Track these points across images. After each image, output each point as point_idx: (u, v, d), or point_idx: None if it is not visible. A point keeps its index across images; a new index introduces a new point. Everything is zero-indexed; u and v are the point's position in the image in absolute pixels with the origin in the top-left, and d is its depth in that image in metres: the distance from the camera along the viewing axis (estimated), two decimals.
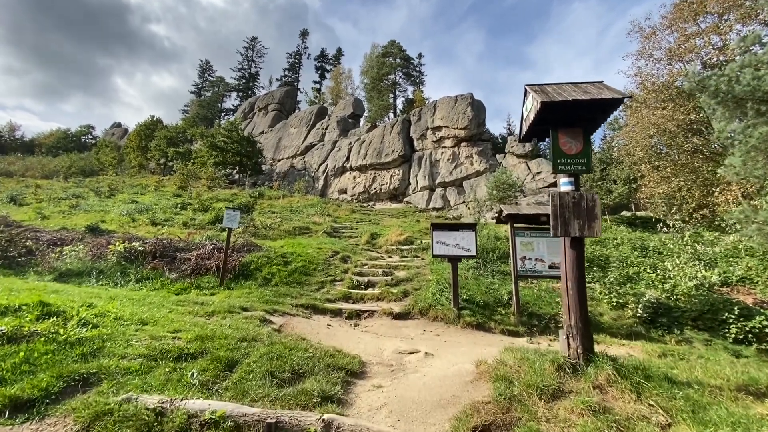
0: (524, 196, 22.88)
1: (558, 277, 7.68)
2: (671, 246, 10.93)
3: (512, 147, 26.28)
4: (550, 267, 7.43)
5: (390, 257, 12.51)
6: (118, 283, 7.78)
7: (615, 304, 7.80)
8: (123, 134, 58.31)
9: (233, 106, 60.13)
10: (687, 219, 16.22)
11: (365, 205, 27.37)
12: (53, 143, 59.38)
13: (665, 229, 13.13)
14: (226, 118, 54.16)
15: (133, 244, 9.00)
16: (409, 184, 27.68)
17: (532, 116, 3.54)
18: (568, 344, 3.35)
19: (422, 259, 11.76)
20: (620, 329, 7.20)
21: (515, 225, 7.64)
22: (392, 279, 9.05)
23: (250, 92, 59.96)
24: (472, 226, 7.65)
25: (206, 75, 65.49)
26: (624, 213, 23.55)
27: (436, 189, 26.35)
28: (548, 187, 23.67)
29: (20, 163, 44.42)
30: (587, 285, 3.84)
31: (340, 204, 25.00)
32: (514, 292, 7.28)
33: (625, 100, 3.28)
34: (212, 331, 3.99)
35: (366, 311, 7.27)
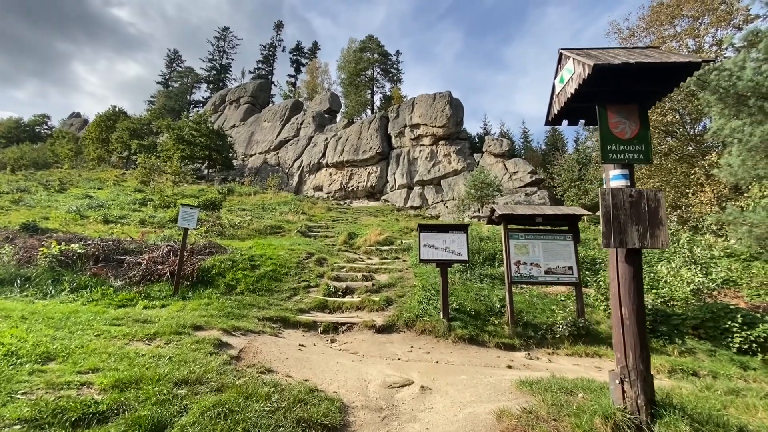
0: (501, 196, 22.63)
1: (554, 283, 7.10)
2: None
3: (489, 146, 26.05)
4: (547, 272, 6.82)
5: (369, 259, 11.67)
6: (48, 293, 6.52)
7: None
8: (82, 125, 54.47)
9: (203, 98, 57.45)
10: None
11: (342, 203, 26.38)
12: (3, 133, 54.81)
13: None
14: (195, 110, 51.61)
15: (72, 245, 7.71)
16: (387, 182, 26.92)
17: (571, 89, 2.76)
18: (623, 392, 2.55)
19: (404, 260, 11.00)
20: None
21: (509, 226, 6.98)
22: (373, 284, 8.22)
23: (221, 84, 57.39)
24: (462, 228, 6.93)
25: (174, 65, 62.28)
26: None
27: (414, 187, 25.72)
28: (525, 186, 23.55)
29: None
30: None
31: (315, 202, 23.90)
32: (507, 301, 6.61)
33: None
34: (141, 371, 2.96)
35: (345, 323, 6.40)
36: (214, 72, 58.42)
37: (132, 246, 8.63)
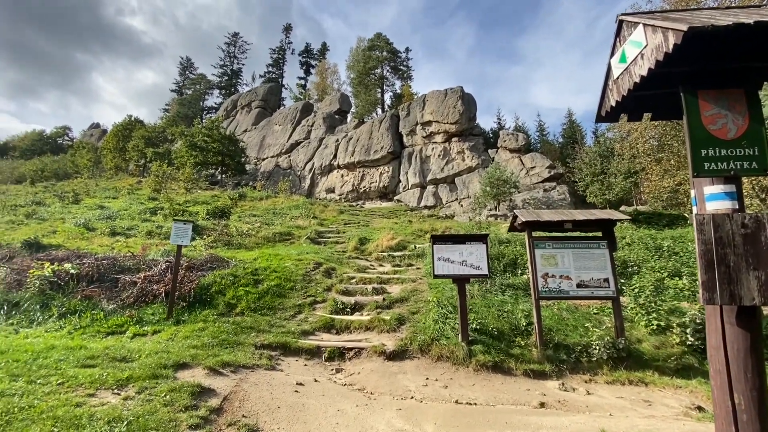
0: (518, 192, 21.65)
1: (588, 298, 6.27)
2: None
3: (504, 141, 25.00)
4: (579, 286, 6.00)
5: (381, 266, 11.02)
6: (35, 320, 6.10)
7: (655, 327, 6.40)
8: (101, 135, 55.64)
9: (215, 104, 57.86)
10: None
11: (354, 204, 25.81)
12: (27, 146, 56.56)
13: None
14: (208, 116, 51.93)
15: (65, 265, 7.30)
16: (399, 181, 26.20)
17: (642, 69, 1.96)
18: None
19: (417, 268, 10.29)
20: (667, 362, 5.79)
21: (534, 234, 6.19)
22: (384, 299, 7.54)
23: (232, 89, 57.68)
24: (481, 238, 6.17)
25: (187, 72, 62.96)
26: (624, 208, 22.39)
27: (427, 186, 24.93)
28: (543, 182, 22.47)
29: None
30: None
31: (327, 204, 23.37)
32: (535, 320, 5.83)
33: None
34: None
35: (352, 348, 5.74)
36: (226, 78, 58.79)
37: (129, 263, 8.21)
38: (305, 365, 5.26)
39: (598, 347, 5.68)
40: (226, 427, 3.17)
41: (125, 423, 2.88)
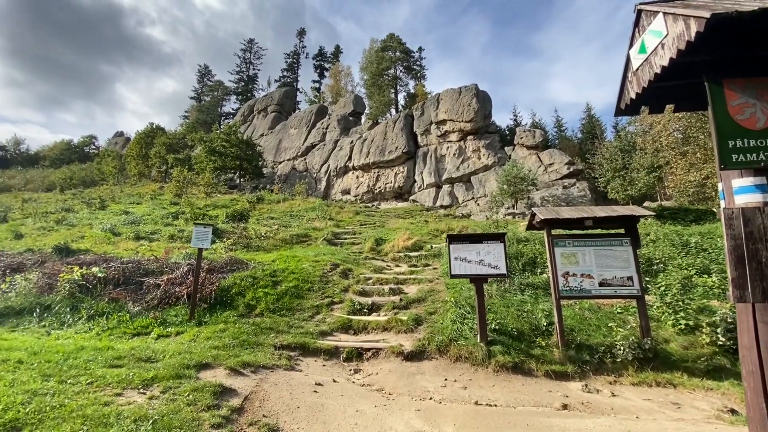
0: (537, 190, 21.27)
1: (611, 297, 6.10)
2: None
3: (521, 138, 24.59)
4: (601, 284, 5.84)
5: (398, 266, 11.01)
6: (66, 322, 6.36)
7: (684, 326, 6.17)
8: (125, 143, 57.48)
9: (233, 109, 59.01)
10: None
11: (370, 205, 25.88)
12: (56, 155, 58.87)
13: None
14: (226, 122, 53.04)
15: (93, 269, 7.59)
16: (415, 181, 26.13)
17: (663, 59, 1.89)
18: None
19: (434, 268, 10.22)
20: (696, 363, 5.57)
21: (553, 232, 6.07)
22: (401, 300, 7.53)
23: (249, 95, 58.74)
24: (498, 237, 6.08)
25: (205, 80, 64.44)
26: (648, 204, 21.71)
27: (443, 186, 24.76)
28: (562, 179, 22.00)
29: (21, 176, 43.70)
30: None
31: (343, 206, 23.51)
32: (556, 320, 5.71)
33: None
34: None
35: (370, 349, 5.75)
36: (242, 83, 59.92)
37: (153, 266, 8.45)
38: (324, 365, 5.30)
39: (622, 347, 5.52)
40: (248, 426, 3.23)
41: (151, 422, 2.97)
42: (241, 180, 32.52)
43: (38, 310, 6.65)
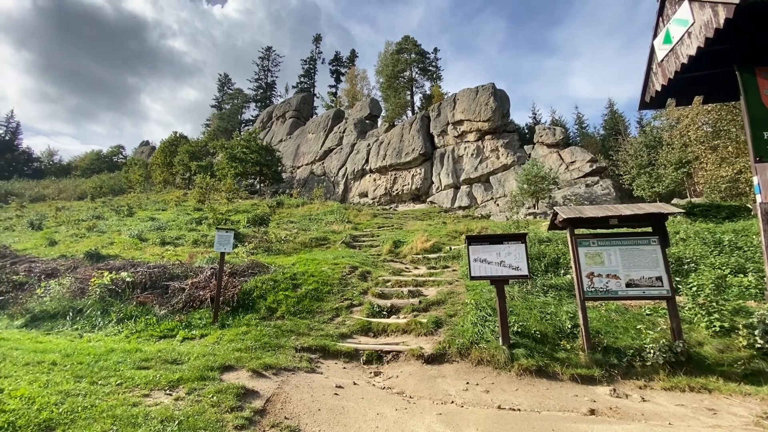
0: (558, 189, 20.81)
1: (639, 298, 5.87)
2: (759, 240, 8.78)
3: (541, 136, 24.11)
4: (628, 285, 5.63)
5: (416, 269, 10.95)
6: (97, 325, 6.61)
7: (718, 328, 5.88)
8: (151, 152, 59.51)
9: (252, 116, 60.28)
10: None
11: (387, 207, 25.90)
12: (87, 165, 61.47)
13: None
14: (245, 128, 54.18)
15: (122, 274, 7.88)
16: (432, 183, 26.00)
17: (690, 49, 1.80)
18: None
19: (453, 270, 10.12)
20: (732, 366, 5.29)
21: (576, 232, 5.90)
22: (420, 302, 7.48)
23: (267, 101, 59.91)
24: (519, 237, 5.96)
25: (225, 88, 66.10)
26: (677, 201, 20.91)
27: (461, 186, 24.54)
28: (584, 177, 21.45)
29: (54, 186, 45.80)
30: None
31: (360, 209, 23.61)
32: (581, 322, 5.54)
33: None
34: None
35: (389, 352, 5.74)
36: (261, 90, 61.16)
37: (178, 270, 8.70)
38: (344, 368, 5.31)
39: (652, 351, 5.30)
40: (270, 428, 3.26)
41: (176, 422, 3.04)
42: (261, 185, 33.15)
43: (71, 314, 6.94)
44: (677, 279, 7.67)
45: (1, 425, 2.77)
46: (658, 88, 2.17)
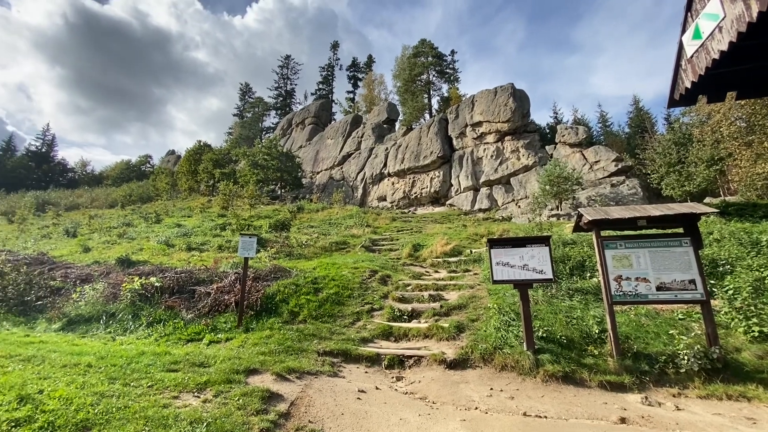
0: (582, 189, 20.26)
1: (671, 302, 5.64)
2: None
3: (563, 136, 23.56)
4: (659, 289, 5.42)
5: (437, 272, 10.87)
6: (128, 328, 6.88)
7: (757, 333, 5.58)
8: (176, 160, 61.52)
9: (273, 124, 61.54)
10: None
11: (406, 211, 25.85)
12: (117, 174, 64.13)
13: None
14: (266, 136, 55.35)
15: (151, 279, 8.17)
16: (451, 185, 25.80)
17: (722, 44, 1.73)
18: None
19: (474, 273, 9.99)
20: None
21: (603, 234, 5.73)
22: (441, 306, 7.42)
23: (287, 109, 61.07)
24: (543, 240, 5.84)
25: (246, 97, 67.78)
26: (709, 200, 20.01)
27: (480, 189, 24.25)
28: (609, 176, 20.82)
29: (87, 195, 47.96)
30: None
31: (379, 212, 23.67)
32: (609, 326, 5.37)
33: None
34: None
35: (411, 356, 5.71)
36: (281, 98, 62.43)
37: (203, 275, 8.94)
38: (366, 372, 5.32)
39: (686, 357, 5.08)
40: (294, 431, 3.30)
41: (205, 424, 3.12)
42: (282, 191, 33.75)
43: (104, 318, 7.25)
44: (712, 282, 7.33)
45: (41, 425, 2.92)
46: (688, 85, 2.09)
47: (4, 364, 4.26)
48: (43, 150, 61.65)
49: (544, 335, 5.74)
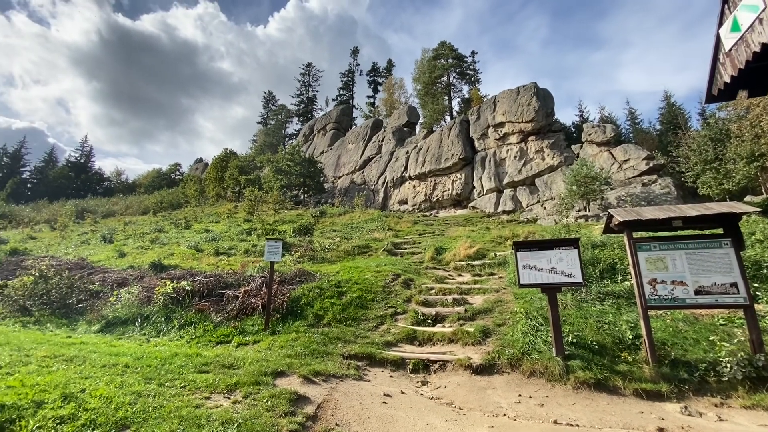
0: (611, 189, 19.58)
1: (711, 306, 5.35)
2: None
3: (590, 135, 22.86)
4: (697, 293, 5.16)
5: (460, 276, 10.75)
6: (162, 330, 7.16)
7: None
8: (204, 168, 63.53)
9: (295, 130, 62.72)
10: None
11: (427, 214, 25.73)
12: (149, 182, 66.92)
13: None
14: (289, 142, 56.46)
15: (182, 283, 8.47)
16: (474, 187, 25.50)
17: (761, 35, 1.64)
18: None
19: (499, 277, 9.82)
20: None
21: (635, 235, 5.52)
22: (466, 311, 7.32)
23: (309, 115, 62.13)
24: (572, 242, 5.67)
25: (270, 105, 69.42)
26: (750, 198, 18.90)
27: (504, 190, 23.83)
28: (640, 176, 20.03)
29: (122, 202, 50.27)
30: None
31: (401, 216, 23.66)
32: (644, 332, 5.15)
33: None
34: None
35: (436, 361, 5.66)
36: (302, 105, 63.58)
37: (231, 279, 9.19)
38: (391, 376, 5.31)
39: (729, 365, 4.81)
40: None
41: (236, 425, 3.20)
42: (305, 196, 34.32)
43: (139, 320, 7.57)
44: (755, 285, 6.92)
45: (84, 422, 3.07)
46: (727, 80, 1.98)
47: (49, 364, 4.51)
48: (82, 161, 65.08)
49: (574, 341, 5.57)
